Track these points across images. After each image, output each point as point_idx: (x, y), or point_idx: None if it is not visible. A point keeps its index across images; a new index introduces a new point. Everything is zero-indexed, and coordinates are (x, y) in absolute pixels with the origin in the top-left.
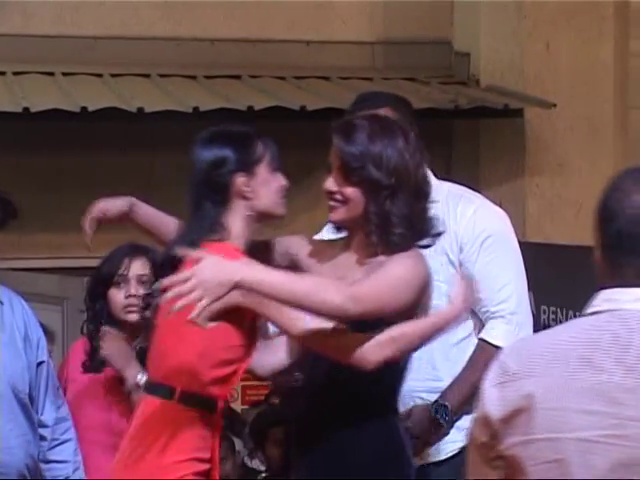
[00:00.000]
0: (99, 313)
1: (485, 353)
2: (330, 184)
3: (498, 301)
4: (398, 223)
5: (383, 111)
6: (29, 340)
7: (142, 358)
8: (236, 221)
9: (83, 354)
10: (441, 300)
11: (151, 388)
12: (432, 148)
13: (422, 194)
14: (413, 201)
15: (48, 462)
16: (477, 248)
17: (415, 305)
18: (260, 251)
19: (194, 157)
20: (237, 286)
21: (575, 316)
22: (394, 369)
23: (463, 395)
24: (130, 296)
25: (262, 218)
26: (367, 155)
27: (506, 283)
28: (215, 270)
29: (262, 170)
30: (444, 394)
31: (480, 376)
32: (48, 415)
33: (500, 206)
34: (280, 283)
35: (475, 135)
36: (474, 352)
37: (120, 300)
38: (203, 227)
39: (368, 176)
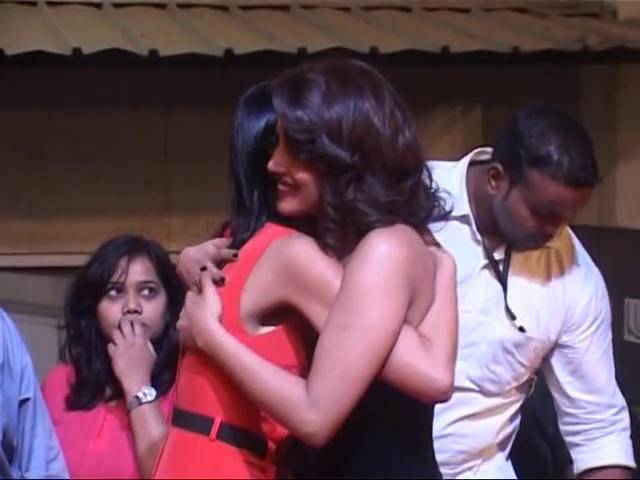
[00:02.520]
0: (86, 333)
1: None
2: (272, 163)
3: (618, 409)
4: (370, 212)
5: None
6: (10, 369)
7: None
8: None
9: (65, 387)
10: (508, 373)
11: (180, 418)
12: (552, 103)
13: (407, 170)
14: (392, 182)
15: None
16: (592, 332)
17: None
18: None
19: (238, 122)
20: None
21: None
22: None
23: None
24: (129, 312)
25: None
26: (320, 122)
27: (615, 385)
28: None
29: None
30: None
31: None
32: (35, 472)
33: None
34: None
35: (611, 87)
36: None
37: (114, 316)
38: (254, 214)
39: (322, 153)
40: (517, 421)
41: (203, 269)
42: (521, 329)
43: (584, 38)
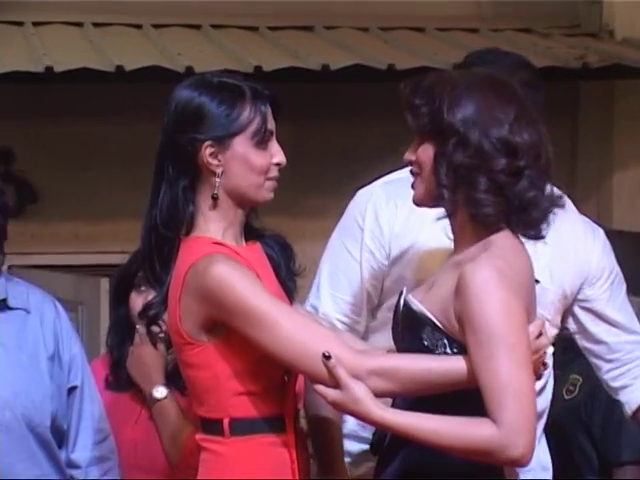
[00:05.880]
0: (122, 320)
1: None
2: (407, 153)
3: None
4: (479, 181)
5: None
6: (59, 359)
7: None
8: (209, 205)
9: (104, 369)
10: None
11: (202, 424)
12: (553, 117)
13: (517, 153)
14: (498, 157)
15: None
16: (610, 284)
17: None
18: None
19: (165, 111)
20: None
21: None
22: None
23: None
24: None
25: (239, 202)
26: (435, 97)
27: None
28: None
29: (240, 142)
30: None
31: None
32: (81, 453)
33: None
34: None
35: (608, 101)
36: None
37: (137, 307)
38: (163, 207)
39: (429, 117)
40: (548, 394)
41: (328, 357)
42: (536, 281)
43: (583, 56)
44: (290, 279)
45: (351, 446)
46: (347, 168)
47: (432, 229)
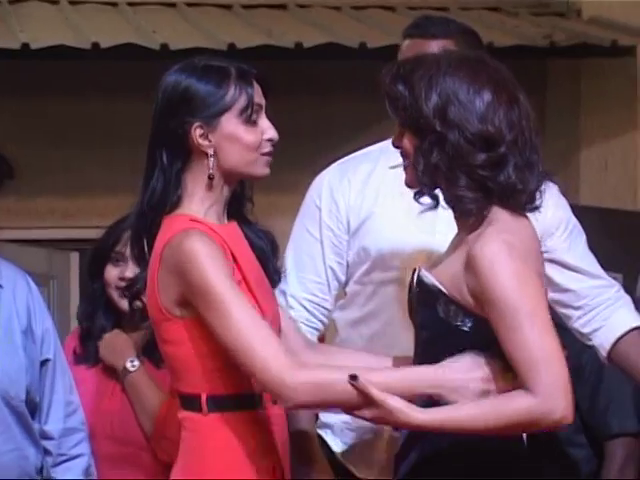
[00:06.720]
0: (96, 293)
1: None
2: (394, 137)
3: (618, 287)
4: (459, 177)
5: (438, 44)
6: (32, 333)
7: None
8: (197, 184)
9: (75, 341)
10: None
11: (181, 400)
12: None
13: (491, 140)
14: (477, 150)
15: None
16: (569, 233)
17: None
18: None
19: (154, 99)
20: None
21: None
22: None
23: None
24: (123, 279)
25: (228, 179)
26: (412, 91)
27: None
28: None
29: (228, 120)
30: None
31: None
32: (53, 425)
33: (606, 167)
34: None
35: (575, 79)
36: None
37: (113, 279)
38: (155, 193)
39: (407, 113)
40: None
41: (355, 378)
42: None
43: (551, 35)
44: (276, 272)
45: (331, 418)
46: (319, 144)
47: (387, 199)
